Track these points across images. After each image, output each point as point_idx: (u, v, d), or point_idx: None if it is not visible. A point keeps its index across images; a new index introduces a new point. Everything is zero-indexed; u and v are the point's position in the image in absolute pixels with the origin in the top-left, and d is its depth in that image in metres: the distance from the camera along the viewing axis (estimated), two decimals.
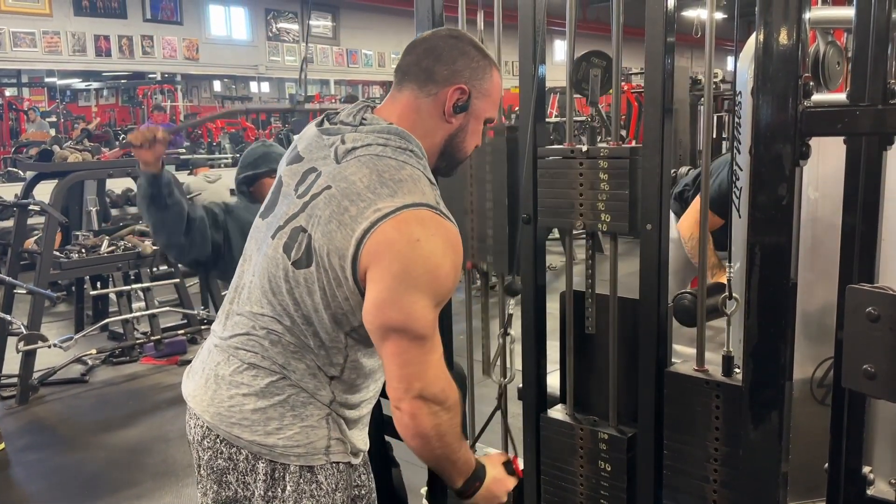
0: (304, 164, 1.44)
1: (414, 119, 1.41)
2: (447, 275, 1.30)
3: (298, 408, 1.39)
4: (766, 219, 1.26)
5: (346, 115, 1.44)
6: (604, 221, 1.66)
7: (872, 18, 1.34)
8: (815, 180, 1.96)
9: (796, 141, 1.22)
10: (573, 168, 1.69)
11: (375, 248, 1.27)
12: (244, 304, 1.44)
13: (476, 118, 1.45)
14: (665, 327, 1.66)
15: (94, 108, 15.36)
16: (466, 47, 1.43)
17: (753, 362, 1.32)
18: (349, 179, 1.32)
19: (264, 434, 1.38)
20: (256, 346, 1.40)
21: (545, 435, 1.86)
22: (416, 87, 1.41)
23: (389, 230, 1.27)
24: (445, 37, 1.45)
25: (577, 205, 1.70)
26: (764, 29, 1.23)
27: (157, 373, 4.78)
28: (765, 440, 1.33)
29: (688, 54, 18.85)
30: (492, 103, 1.47)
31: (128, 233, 5.14)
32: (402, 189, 1.30)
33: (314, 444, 1.40)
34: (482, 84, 1.43)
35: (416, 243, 1.26)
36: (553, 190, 1.73)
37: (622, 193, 1.62)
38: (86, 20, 13.63)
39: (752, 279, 1.29)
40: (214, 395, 1.42)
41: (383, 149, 1.35)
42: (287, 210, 1.41)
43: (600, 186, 1.65)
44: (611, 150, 1.64)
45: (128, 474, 3.44)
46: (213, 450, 1.43)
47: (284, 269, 1.37)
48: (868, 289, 1.22)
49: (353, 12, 17.34)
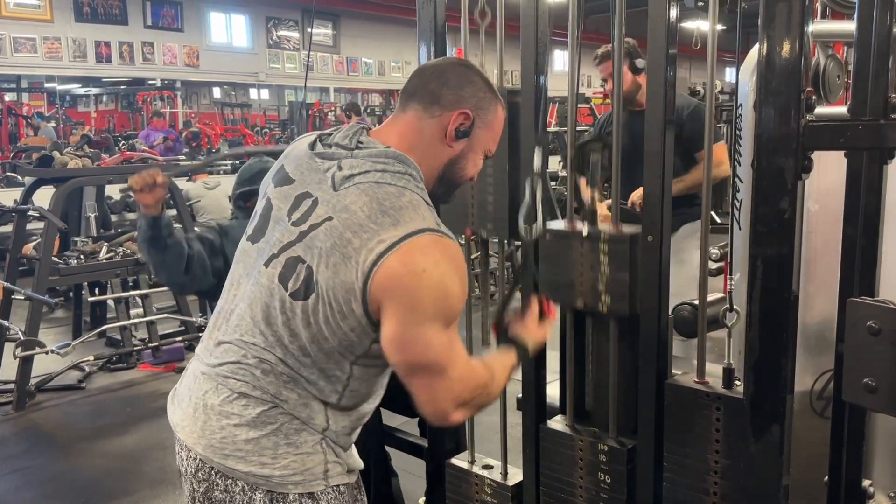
0: (297, 188, 1.41)
1: (415, 140, 1.40)
2: (456, 296, 1.31)
3: (292, 436, 1.37)
4: (769, 232, 1.26)
5: (342, 137, 1.42)
6: (604, 303, 1.69)
7: (874, 33, 1.35)
8: (815, 193, 1.96)
9: (798, 154, 1.23)
10: (574, 249, 1.72)
11: (384, 284, 1.27)
12: (233, 332, 1.41)
13: (477, 147, 1.45)
14: (665, 339, 1.66)
15: (94, 114, 15.36)
16: (475, 77, 1.44)
17: (755, 375, 1.32)
18: (350, 209, 1.31)
19: (259, 465, 1.35)
20: (247, 374, 1.38)
21: (545, 446, 1.85)
22: (420, 109, 1.41)
23: (395, 265, 1.26)
24: (455, 64, 1.46)
25: (578, 284, 1.72)
26: (767, 42, 1.23)
27: (154, 380, 4.77)
28: (766, 453, 1.32)
29: (686, 65, 18.91)
30: (493, 136, 1.48)
31: (126, 239, 5.13)
32: (403, 217, 1.29)
33: (312, 471, 1.38)
34: (486, 115, 1.44)
35: (422, 275, 1.26)
36: (553, 266, 1.75)
37: (622, 277, 1.64)
38: (87, 26, 13.66)
39: (753, 292, 1.29)
40: (205, 426, 1.39)
41: (382, 175, 1.34)
42: (280, 238, 1.39)
43: (601, 269, 1.67)
44: (611, 235, 1.66)
45: (124, 482, 3.42)
46: (209, 482, 1.39)
47: (281, 299, 1.35)
48: (869, 302, 1.22)
49: (353, 21, 17.38)
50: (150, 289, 5.04)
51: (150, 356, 4.89)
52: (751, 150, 1.79)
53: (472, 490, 2.03)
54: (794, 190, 1.24)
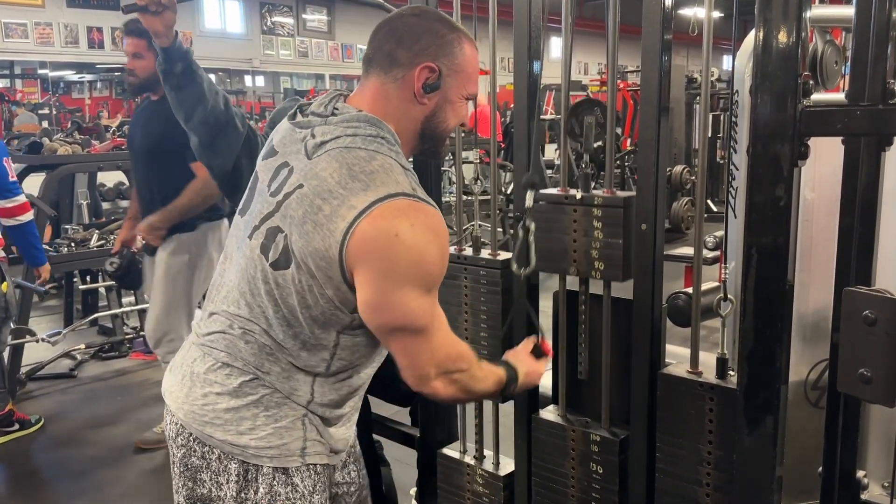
0: (278, 159, 1.40)
1: (384, 105, 1.36)
2: (434, 261, 1.28)
3: (272, 408, 1.37)
4: (764, 220, 1.24)
5: (318, 105, 1.40)
6: (597, 269, 1.66)
7: (872, 18, 1.32)
8: (811, 180, 1.94)
9: (795, 141, 1.20)
10: (567, 214, 1.68)
11: (357, 249, 1.24)
12: (222, 303, 1.42)
13: (452, 95, 1.39)
14: (659, 328, 1.64)
15: (88, 101, 15.27)
16: (430, 24, 1.37)
17: (749, 365, 1.30)
18: (320, 176, 1.29)
19: (237, 434, 1.36)
20: (230, 345, 1.38)
21: (536, 436, 1.84)
22: (381, 73, 1.36)
23: (367, 229, 1.23)
24: (407, 16, 1.38)
25: (571, 251, 1.69)
26: (763, 27, 1.21)
27: (146, 368, 4.75)
28: (759, 444, 1.31)
29: (683, 52, 18.85)
30: (467, 78, 1.40)
31: (118, 227, 5.10)
32: (374, 181, 1.26)
33: (288, 446, 1.38)
34: (452, 60, 1.37)
35: (395, 239, 1.23)
36: (547, 234, 1.72)
37: (616, 242, 1.62)
38: (78, 12, 13.55)
39: (748, 281, 1.27)
40: (189, 392, 1.40)
41: (352, 139, 1.31)
42: (261, 209, 1.38)
43: (594, 234, 1.64)
44: (605, 198, 1.63)
45: (115, 471, 3.41)
46: (187, 447, 1.41)
47: (263, 270, 1.34)
48: (865, 292, 1.20)
49: (348, 6, 17.29)
50: None
51: (142, 345, 4.87)
52: (747, 136, 1.77)
53: (463, 480, 2.02)
54: (791, 177, 1.22)
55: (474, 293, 1.90)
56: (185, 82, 2.22)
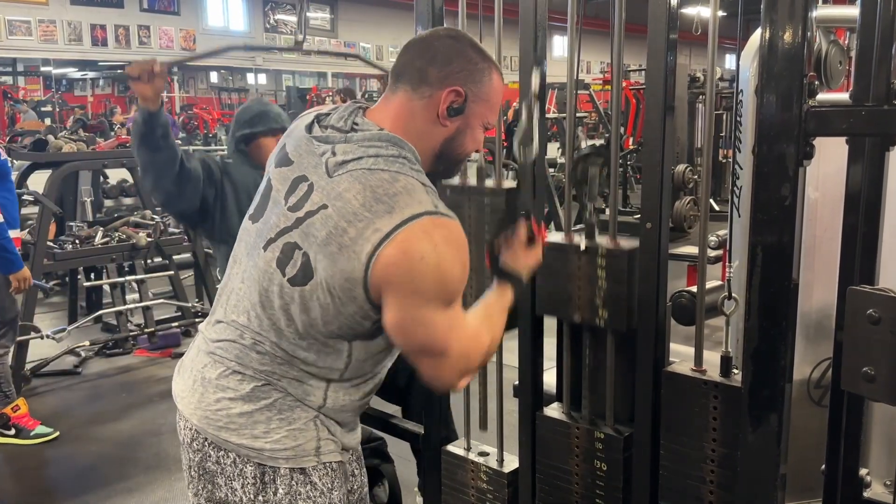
0: (294, 170, 1.40)
1: (407, 122, 1.37)
2: (456, 277, 1.31)
3: (285, 411, 1.38)
4: (769, 219, 1.25)
5: (337, 119, 1.40)
6: (601, 317, 1.67)
7: (877, 18, 1.33)
8: (815, 180, 1.95)
9: (800, 141, 1.21)
10: (571, 262, 1.70)
11: (383, 272, 1.26)
12: (232, 312, 1.42)
13: (473, 122, 1.41)
14: (663, 326, 1.65)
15: (90, 98, 15.29)
16: (464, 48, 1.38)
17: (754, 364, 1.31)
18: (344, 197, 1.30)
19: (251, 437, 1.37)
20: (241, 355, 1.39)
21: (541, 433, 1.85)
22: (409, 89, 1.37)
23: (393, 252, 1.25)
24: (443, 37, 1.40)
25: (576, 297, 1.71)
26: (769, 27, 1.21)
27: (150, 365, 4.76)
28: (764, 443, 1.32)
29: (685, 51, 18.83)
30: (490, 108, 1.43)
31: (122, 224, 5.11)
32: (398, 204, 1.27)
33: (303, 447, 1.39)
34: (480, 88, 1.39)
35: (420, 261, 1.25)
36: (551, 279, 1.73)
37: (620, 291, 1.63)
38: (82, 9, 13.57)
39: (753, 279, 1.28)
40: (202, 398, 1.41)
41: (375, 160, 1.32)
42: (277, 222, 1.38)
43: (598, 283, 1.66)
44: (609, 249, 1.64)
45: (119, 468, 3.42)
46: (203, 453, 1.42)
47: (279, 284, 1.34)
48: (869, 291, 1.21)
49: (351, 5, 17.30)
50: (146, 274, 5.02)
51: (147, 342, 4.89)
52: (751, 136, 1.78)
53: (468, 477, 2.03)
54: (796, 177, 1.23)
55: (479, 224, 1.88)
56: (163, 145, 2.33)
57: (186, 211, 2.53)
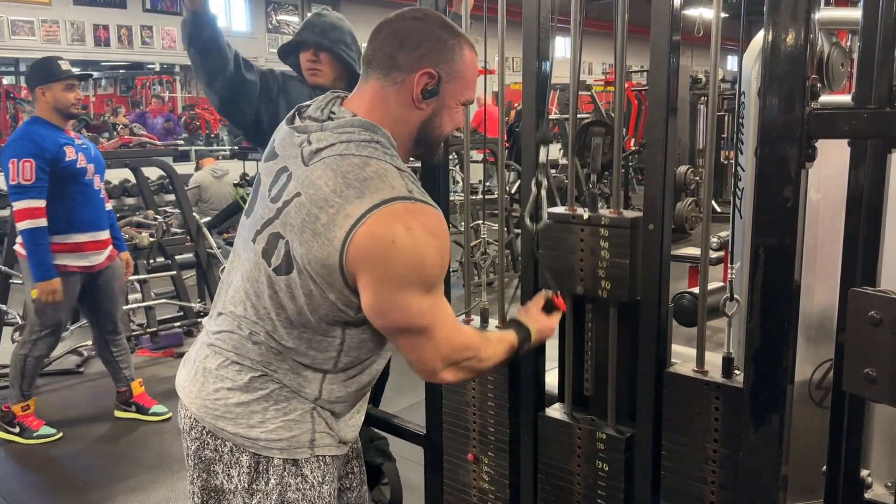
0: (279, 163, 1.41)
1: (382, 109, 1.37)
2: (433, 262, 1.29)
3: (282, 402, 1.40)
4: (771, 221, 1.25)
5: (315, 109, 1.41)
6: (604, 288, 1.68)
7: (879, 20, 1.33)
8: (817, 182, 1.96)
9: (802, 143, 1.22)
10: (574, 234, 1.70)
11: (356, 257, 1.26)
12: (229, 304, 1.45)
13: (450, 102, 1.39)
14: (665, 327, 1.65)
15: (93, 98, 15.30)
16: (431, 29, 1.36)
17: (755, 365, 1.31)
18: (316, 185, 1.30)
19: (248, 427, 1.39)
20: (239, 345, 1.41)
21: (542, 434, 1.85)
22: (381, 76, 1.36)
23: (364, 237, 1.25)
24: (409, 19, 1.38)
25: (578, 269, 1.71)
26: (772, 29, 1.22)
27: (152, 365, 4.77)
28: (765, 443, 1.32)
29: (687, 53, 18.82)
30: (465, 84, 1.40)
31: (125, 224, 5.12)
32: (368, 188, 1.27)
33: (297, 438, 1.41)
34: (452, 66, 1.37)
35: (391, 245, 1.25)
36: (554, 252, 1.73)
37: (622, 262, 1.63)
38: (85, 9, 13.58)
39: (755, 281, 1.28)
40: (202, 387, 1.44)
41: (346, 146, 1.31)
42: (263, 214, 1.40)
43: (601, 254, 1.66)
44: (612, 219, 1.65)
45: (122, 467, 3.43)
46: (200, 440, 1.45)
47: (267, 274, 1.36)
48: (871, 292, 1.21)
49: (353, 5, 17.27)
50: (148, 274, 5.03)
51: (149, 341, 4.89)
52: (753, 138, 1.78)
53: (469, 477, 2.04)
54: (798, 178, 1.23)
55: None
56: (212, 47, 2.26)
57: (239, 121, 2.46)
